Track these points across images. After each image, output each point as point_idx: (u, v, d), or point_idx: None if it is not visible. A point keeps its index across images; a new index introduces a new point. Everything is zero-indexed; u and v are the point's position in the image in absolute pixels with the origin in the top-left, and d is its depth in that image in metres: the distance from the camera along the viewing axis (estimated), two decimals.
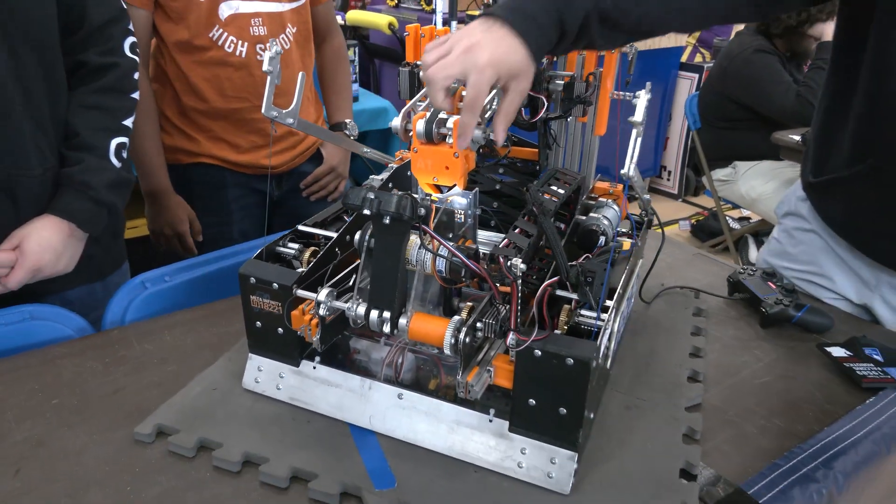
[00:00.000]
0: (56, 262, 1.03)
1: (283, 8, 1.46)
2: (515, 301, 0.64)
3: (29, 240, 1.00)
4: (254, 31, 1.42)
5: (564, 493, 0.70)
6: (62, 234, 1.03)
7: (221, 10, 1.38)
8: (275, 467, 0.72)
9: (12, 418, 0.81)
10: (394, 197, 0.64)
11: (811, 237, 1.17)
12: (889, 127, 0.94)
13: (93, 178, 1.05)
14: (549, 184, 0.77)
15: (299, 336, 0.78)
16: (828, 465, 0.77)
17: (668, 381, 0.89)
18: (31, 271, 1.00)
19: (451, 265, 0.68)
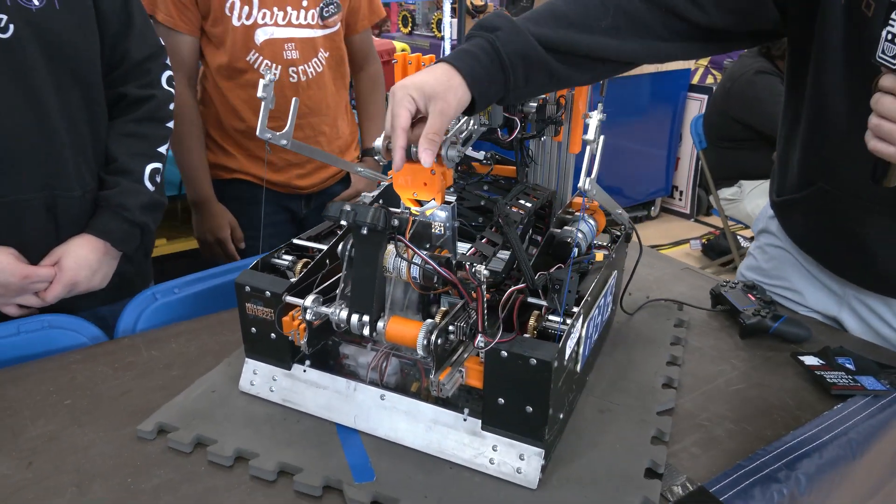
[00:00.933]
0: (91, 278, 1.11)
1: (316, 34, 1.56)
2: (481, 304, 0.70)
3: (67, 257, 1.08)
4: (287, 55, 1.53)
5: (532, 487, 0.74)
6: (98, 252, 1.11)
7: (257, 35, 1.49)
8: (264, 462, 0.77)
9: (28, 416, 0.88)
10: (369, 209, 0.71)
11: (781, 253, 1.21)
12: (829, 153, 0.99)
13: (128, 200, 1.13)
14: (517, 198, 0.83)
15: (290, 341, 0.84)
16: (791, 467, 0.80)
17: (642, 387, 0.93)
18: (68, 286, 1.08)
19: (425, 272, 0.73)
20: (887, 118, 0.79)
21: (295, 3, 1.54)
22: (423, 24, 3.49)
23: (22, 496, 0.75)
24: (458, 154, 0.78)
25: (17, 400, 0.91)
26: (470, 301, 0.72)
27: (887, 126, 0.79)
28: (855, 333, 1.14)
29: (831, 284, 1.15)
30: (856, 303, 1.13)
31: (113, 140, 1.17)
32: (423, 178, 0.79)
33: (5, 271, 1.03)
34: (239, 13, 1.49)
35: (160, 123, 1.22)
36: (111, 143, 1.17)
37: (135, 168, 1.16)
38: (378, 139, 0.81)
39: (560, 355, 0.72)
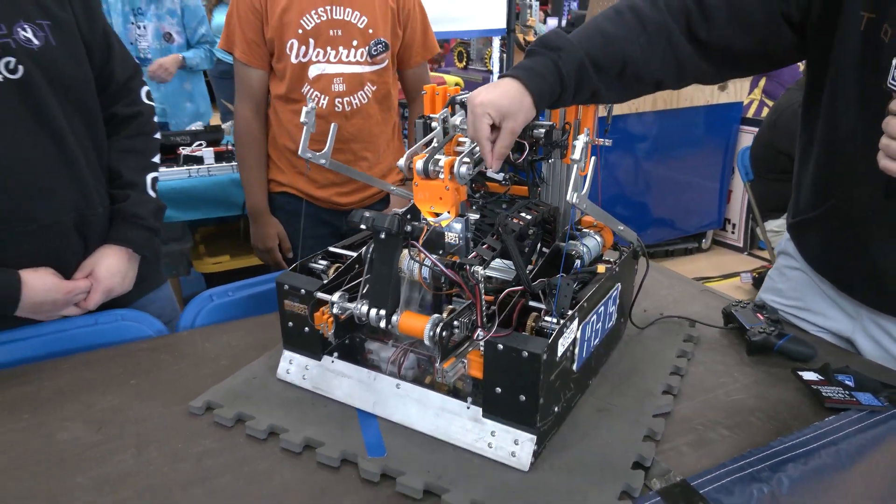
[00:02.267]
0: (122, 283, 1.24)
1: (364, 70, 1.73)
2: (479, 300, 0.79)
3: (99, 267, 1.21)
4: (335, 87, 1.71)
5: (524, 469, 0.82)
6: (124, 259, 1.25)
7: (311, 70, 1.69)
8: (292, 437, 0.89)
9: (100, 392, 1.03)
10: (386, 217, 0.82)
11: (798, 274, 1.25)
12: (841, 171, 1.05)
13: (140, 209, 1.27)
14: (519, 211, 0.93)
15: (321, 335, 0.96)
16: (774, 469, 0.85)
17: (642, 392, 1.00)
18: (105, 293, 1.22)
19: (433, 273, 0.84)
20: (893, 137, 0.85)
21: (346, 43, 1.71)
22: (476, 59, 3.65)
23: (92, 453, 0.88)
24: (468, 172, 0.89)
25: (91, 379, 1.06)
26: (470, 297, 0.82)
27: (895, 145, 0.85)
28: (868, 354, 1.16)
29: (845, 305, 1.18)
30: (869, 324, 1.16)
31: (113, 157, 1.29)
32: (439, 194, 0.90)
33: (51, 290, 1.15)
34: (297, 52, 1.68)
35: (149, 136, 1.35)
36: (112, 160, 1.29)
37: (138, 180, 1.29)
38: (401, 160, 0.93)
39: (551, 350, 0.81)
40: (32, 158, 1.13)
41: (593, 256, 1.01)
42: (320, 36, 1.69)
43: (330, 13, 1.69)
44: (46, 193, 1.15)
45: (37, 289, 1.13)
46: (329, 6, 1.68)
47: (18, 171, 1.11)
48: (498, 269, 1.02)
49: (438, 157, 0.90)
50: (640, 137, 3.61)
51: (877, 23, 0.95)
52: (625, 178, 3.68)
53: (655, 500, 0.80)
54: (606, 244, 1.06)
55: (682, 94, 3.44)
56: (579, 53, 0.94)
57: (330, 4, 1.69)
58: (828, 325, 1.22)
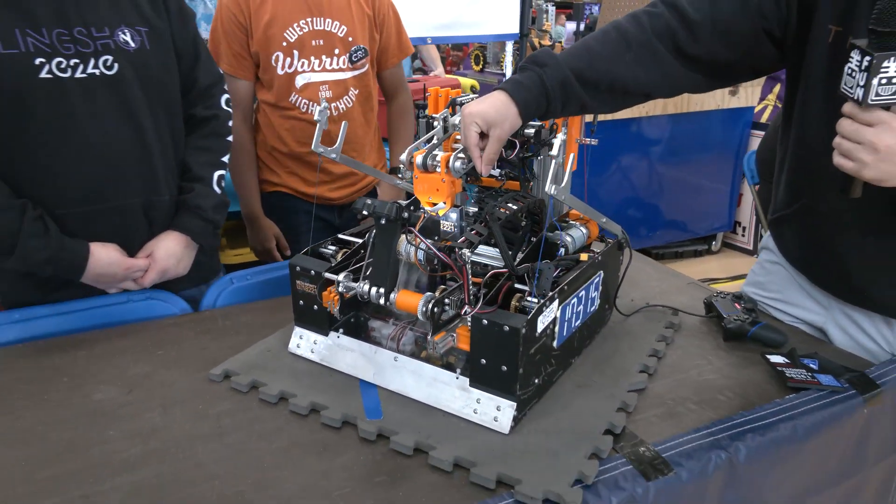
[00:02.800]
0: (177, 265, 1.37)
1: (347, 76, 1.83)
2: (466, 280, 0.89)
3: (158, 249, 1.34)
4: (322, 94, 1.80)
5: (504, 432, 0.92)
6: (182, 245, 1.37)
7: (297, 80, 1.78)
8: (300, 401, 0.99)
9: (131, 360, 1.14)
10: (385, 204, 0.92)
11: (777, 268, 1.33)
12: (810, 172, 1.13)
13: (203, 202, 1.40)
14: (507, 201, 1.02)
15: (328, 312, 1.07)
16: (734, 438, 0.94)
17: (620, 371, 1.09)
18: (160, 273, 1.34)
19: (428, 256, 0.94)
20: (846, 138, 0.94)
21: (329, 52, 1.80)
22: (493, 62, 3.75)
23: (123, 412, 1.00)
24: (462, 166, 0.98)
25: (124, 348, 1.18)
26: (458, 275, 0.92)
27: (846, 144, 0.94)
28: (839, 343, 1.24)
29: (819, 297, 1.26)
30: (840, 315, 1.23)
31: (187, 153, 1.42)
32: (436, 185, 1.00)
33: (113, 264, 1.29)
34: (283, 64, 1.76)
35: (222, 137, 1.48)
36: (186, 155, 1.42)
37: (206, 175, 1.42)
38: (403, 154, 1.03)
39: (530, 326, 0.90)
40: (113, 146, 1.27)
41: (578, 246, 1.11)
42: (304, 47, 1.77)
43: (311, 24, 1.77)
44: (120, 178, 1.29)
45: (101, 261, 1.27)
46: (310, 18, 1.77)
47: (101, 156, 1.26)
48: (490, 256, 1.11)
49: (436, 153, 1.00)
50: (652, 141, 3.67)
51: (843, 36, 1.03)
52: (637, 181, 3.74)
53: (621, 460, 0.89)
54: (592, 235, 1.15)
55: (693, 98, 3.50)
56: (564, 70, 1.03)
57: (311, 16, 1.77)
58: (803, 316, 1.30)
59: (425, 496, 0.83)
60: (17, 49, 1.16)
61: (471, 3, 2.89)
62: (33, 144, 1.21)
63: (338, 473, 0.87)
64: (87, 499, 0.82)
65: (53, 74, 1.19)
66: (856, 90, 0.92)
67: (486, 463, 0.86)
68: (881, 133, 0.91)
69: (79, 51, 1.21)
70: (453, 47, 5.68)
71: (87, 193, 1.26)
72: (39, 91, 1.18)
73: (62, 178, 1.24)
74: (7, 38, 1.15)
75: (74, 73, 1.21)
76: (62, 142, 1.22)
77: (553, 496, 0.81)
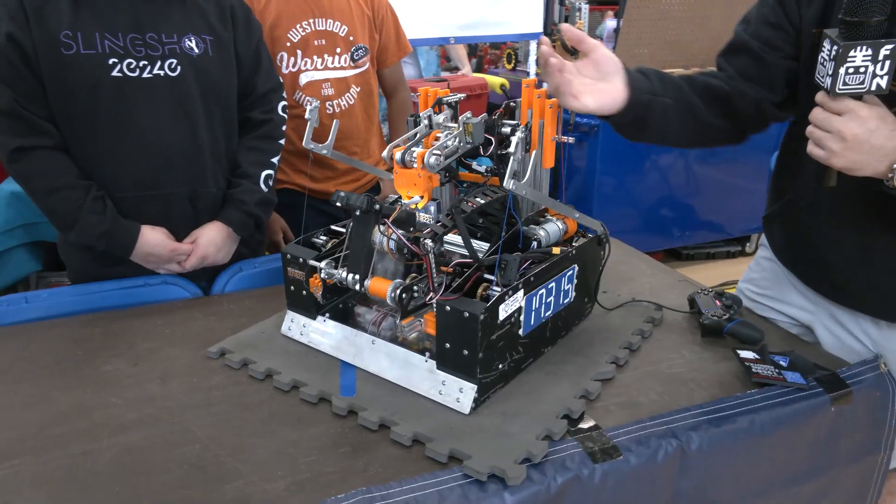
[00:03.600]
0: (216, 253, 1.49)
1: (348, 74, 1.91)
2: (430, 268, 0.95)
3: (202, 237, 1.47)
4: (324, 92, 1.90)
5: (465, 412, 0.98)
6: (223, 234, 1.50)
7: (301, 78, 1.87)
8: (283, 378, 1.08)
9: (141, 337, 1.25)
10: (359, 196, 0.99)
11: (770, 265, 1.34)
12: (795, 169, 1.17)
13: (247, 197, 1.52)
14: (475, 196, 1.08)
15: (315, 297, 1.15)
16: (689, 428, 0.97)
17: (590, 360, 1.13)
18: (200, 259, 1.47)
19: (398, 245, 1.01)
20: (817, 126, 0.96)
21: (331, 51, 1.89)
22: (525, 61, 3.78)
23: (127, 382, 1.10)
24: (437, 162, 1.04)
25: (136, 327, 1.29)
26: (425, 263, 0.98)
27: (817, 133, 0.97)
28: (825, 343, 1.25)
29: (808, 295, 1.27)
30: (826, 315, 1.24)
31: (240, 152, 1.56)
32: (414, 180, 1.06)
33: (159, 245, 1.43)
34: (287, 63, 1.86)
35: (275, 140, 1.60)
36: (238, 153, 1.56)
37: (253, 173, 1.54)
38: (385, 150, 1.10)
39: (491, 313, 0.96)
40: (168, 139, 1.42)
41: (553, 240, 1.15)
42: (308, 47, 1.86)
43: (314, 25, 1.86)
44: (170, 169, 1.44)
45: (150, 242, 1.42)
46: (312, 19, 1.85)
47: (154, 148, 1.41)
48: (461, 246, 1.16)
49: (414, 149, 1.06)
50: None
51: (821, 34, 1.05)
52: (671, 180, 3.71)
53: (573, 443, 0.94)
54: (570, 230, 1.20)
55: None
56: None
57: (313, 17, 1.85)
58: (793, 314, 1.31)
59: (382, 466, 0.89)
60: (94, 50, 1.33)
61: (494, 3, 2.94)
62: (99, 133, 1.37)
63: (307, 443, 0.94)
64: (85, 455, 0.92)
65: (123, 73, 1.35)
66: (825, 79, 0.94)
67: (443, 439, 0.92)
68: (848, 122, 0.93)
69: (148, 54, 1.37)
70: (491, 46, 5.72)
71: (140, 180, 1.42)
72: (109, 87, 1.35)
73: (120, 166, 1.40)
74: (88, 41, 1.32)
75: (142, 73, 1.37)
76: (122, 133, 1.38)
77: (498, 471, 0.86)
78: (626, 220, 3.66)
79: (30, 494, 0.85)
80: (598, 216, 1.22)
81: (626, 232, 3.67)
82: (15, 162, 1.34)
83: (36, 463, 0.91)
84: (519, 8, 3.04)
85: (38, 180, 1.35)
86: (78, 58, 1.32)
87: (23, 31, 1.30)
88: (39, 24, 1.30)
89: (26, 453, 0.93)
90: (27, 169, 1.35)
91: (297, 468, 0.89)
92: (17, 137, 1.33)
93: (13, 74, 1.31)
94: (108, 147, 1.38)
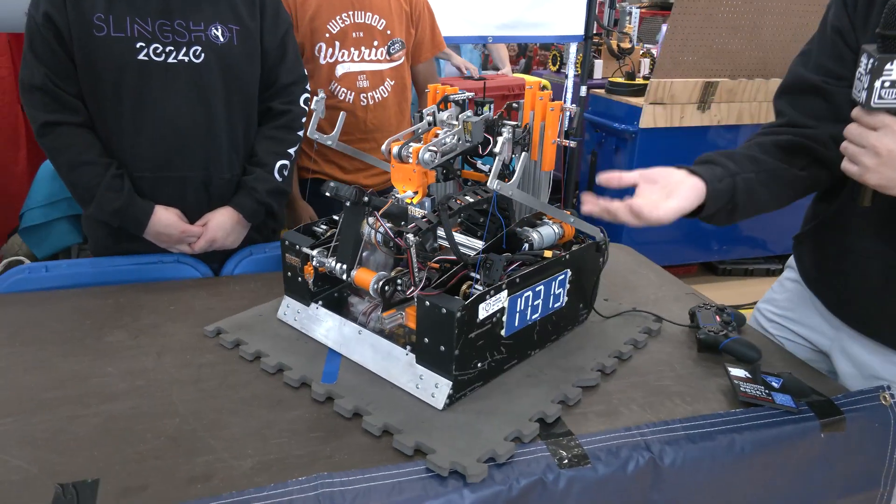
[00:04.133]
0: (225, 238, 1.54)
1: (384, 67, 1.95)
2: (411, 262, 0.96)
3: (212, 220, 1.52)
4: (359, 84, 1.93)
5: (439, 408, 0.98)
6: (233, 220, 1.54)
7: (337, 69, 1.91)
8: (270, 361, 1.10)
9: (145, 312, 1.30)
10: (349, 188, 1.01)
11: (794, 286, 1.31)
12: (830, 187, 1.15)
13: (259, 185, 1.55)
14: (465, 195, 1.08)
15: (309, 284, 1.17)
16: (665, 443, 0.96)
17: (576, 366, 1.12)
18: (209, 241, 1.52)
19: (384, 238, 1.02)
20: (851, 142, 0.94)
21: (368, 43, 1.93)
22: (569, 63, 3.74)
23: (125, 354, 1.15)
24: (431, 158, 1.05)
25: (144, 302, 1.34)
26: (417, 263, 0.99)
27: (851, 148, 0.94)
28: (842, 370, 1.20)
29: (830, 320, 1.23)
30: (846, 341, 1.20)
31: (257, 140, 1.60)
32: (409, 175, 1.07)
33: (171, 226, 1.48)
34: (325, 54, 1.90)
35: (293, 131, 1.63)
36: (256, 142, 1.60)
37: (268, 162, 1.57)
38: (383, 145, 1.11)
39: (469, 311, 0.96)
40: (187, 123, 1.47)
41: (546, 243, 1.14)
42: (345, 38, 1.90)
43: (352, 17, 1.91)
44: (187, 151, 1.49)
45: (162, 221, 1.47)
46: (351, 11, 1.90)
47: (171, 131, 1.47)
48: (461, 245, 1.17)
49: (411, 144, 1.07)
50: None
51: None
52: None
53: (541, 446, 0.93)
54: (566, 235, 1.18)
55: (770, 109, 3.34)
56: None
57: (352, 10, 1.90)
58: (810, 337, 1.28)
59: (349, 454, 0.91)
60: (123, 33, 1.39)
61: (534, 5, 2.92)
62: (122, 114, 1.44)
63: (281, 425, 0.97)
64: (72, 419, 0.97)
65: (149, 57, 1.41)
66: (861, 93, 0.92)
67: (411, 432, 0.93)
68: (883, 137, 0.91)
69: (175, 40, 1.42)
70: (541, 47, 5.68)
71: (157, 162, 1.47)
72: (133, 70, 1.41)
73: (139, 146, 1.46)
74: (119, 24, 1.38)
75: (167, 58, 1.42)
76: (142, 114, 1.44)
77: (459, 468, 0.86)
78: (662, 230, 3.56)
79: (15, 452, 0.90)
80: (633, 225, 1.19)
81: (661, 242, 3.59)
82: (44, 136, 1.41)
83: (26, 423, 0.96)
84: (560, 10, 3.01)
85: (64, 154, 1.42)
86: (108, 40, 1.38)
87: (59, 11, 1.37)
88: (75, 6, 1.37)
89: (19, 413, 0.98)
90: (54, 143, 1.42)
91: (267, 449, 0.91)
92: (48, 113, 1.40)
93: (48, 52, 1.38)
94: (129, 128, 1.44)
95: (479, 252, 1.06)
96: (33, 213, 2.39)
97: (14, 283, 1.41)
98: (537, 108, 1.14)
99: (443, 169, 1.14)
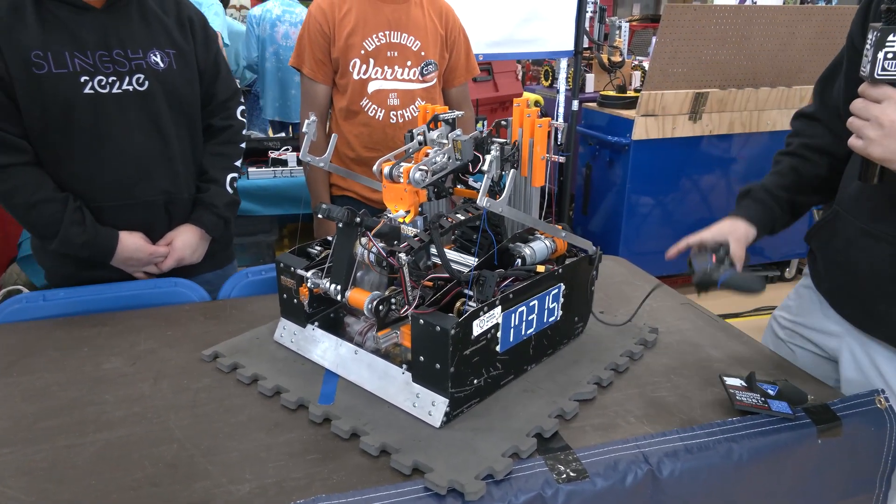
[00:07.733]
0: (192, 254, 1.57)
1: (416, 87, 1.99)
2: (404, 281, 0.97)
3: (177, 239, 1.55)
4: (390, 101, 1.97)
5: (436, 426, 0.98)
6: (197, 236, 1.57)
7: (370, 86, 1.95)
8: (267, 384, 1.10)
9: (143, 338, 1.30)
10: (340, 209, 1.02)
11: (807, 292, 1.32)
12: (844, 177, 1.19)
13: (217, 200, 1.59)
14: (457, 212, 1.09)
15: (304, 305, 1.18)
16: (662, 453, 0.96)
17: (572, 380, 1.12)
18: (177, 260, 1.55)
19: (377, 257, 1.02)
20: (855, 115, 0.96)
21: (401, 63, 1.96)
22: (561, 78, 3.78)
23: (122, 380, 1.15)
24: (422, 178, 1.06)
25: (142, 327, 1.34)
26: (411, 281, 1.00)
27: (856, 122, 0.96)
28: (848, 370, 1.21)
29: (838, 321, 1.24)
30: (853, 342, 1.20)
31: (205, 158, 1.64)
32: (400, 195, 1.08)
33: (138, 250, 1.51)
34: (359, 70, 1.94)
35: (236, 145, 1.68)
36: (204, 159, 1.64)
37: (220, 178, 1.62)
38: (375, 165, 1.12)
39: (463, 328, 0.96)
40: (142, 151, 1.49)
41: (539, 258, 1.15)
42: (380, 56, 1.94)
43: (389, 37, 1.95)
44: (146, 178, 1.50)
45: (128, 247, 1.49)
46: (388, 31, 1.95)
47: (132, 158, 1.48)
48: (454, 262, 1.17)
49: (402, 164, 1.08)
50: (728, 160, 3.56)
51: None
52: (707, 199, 3.64)
53: (539, 461, 0.93)
54: (559, 249, 1.19)
55: (766, 117, 3.37)
56: None
57: (389, 30, 1.95)
58: (819, 341, 1.29)
59: (347, 475, 0.91)
60: (66, 69, 1.38)
61: (524, 22, 2.96)
62: (76, 148, 1.43)
63: (279, 448, 0.97)
64: (69, 448, 0.97)
65: (95, 90, 1.40)
66: (866, 67, 0.94)
67: (409, 451, 0.93)
68: (887, 108, 0.93)
69: (116, 70, 1.42)
70: (533, 62, 5.73)
71: (117, 190, 1.47)
72: (83, 104, 1.40)
73: (98, 177, 1.45)
74: (59, 60, 1.37)
75: (112, 89, 1.42)
76: (99, 147, 1.43)
77: (457, 486, 0.86)
78: (657, 240, 3.60)
79: (12, 482, 0.90)
80: (628, 235, 1.23)
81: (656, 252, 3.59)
82: None
83: (23, 453, 0.96)
84: (550, 27, 3.05)
85: (18, 195, 1.40)
86: (51, 77, 1.37)
87: None
88: (10, 46, 1.34)
89: (17, 443, 0.98)
90: (5, 186, 1.39)
91: (265, 472, 0.91)
92: None
93: None
94: (85, 160, 1.44)
95: (471, 269, 1.07)
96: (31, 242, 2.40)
97: (11, 312, 1.41)
98: (525, 124, 1.15)
99: (434, 187, 1.15)
